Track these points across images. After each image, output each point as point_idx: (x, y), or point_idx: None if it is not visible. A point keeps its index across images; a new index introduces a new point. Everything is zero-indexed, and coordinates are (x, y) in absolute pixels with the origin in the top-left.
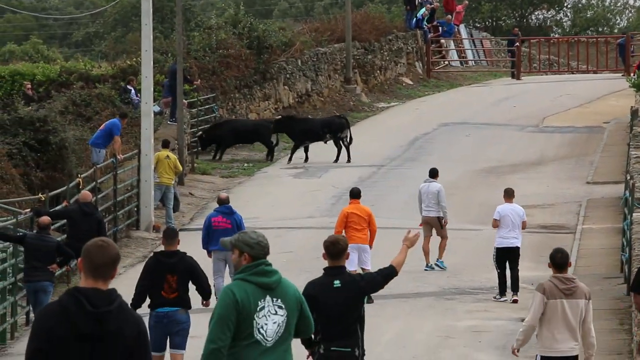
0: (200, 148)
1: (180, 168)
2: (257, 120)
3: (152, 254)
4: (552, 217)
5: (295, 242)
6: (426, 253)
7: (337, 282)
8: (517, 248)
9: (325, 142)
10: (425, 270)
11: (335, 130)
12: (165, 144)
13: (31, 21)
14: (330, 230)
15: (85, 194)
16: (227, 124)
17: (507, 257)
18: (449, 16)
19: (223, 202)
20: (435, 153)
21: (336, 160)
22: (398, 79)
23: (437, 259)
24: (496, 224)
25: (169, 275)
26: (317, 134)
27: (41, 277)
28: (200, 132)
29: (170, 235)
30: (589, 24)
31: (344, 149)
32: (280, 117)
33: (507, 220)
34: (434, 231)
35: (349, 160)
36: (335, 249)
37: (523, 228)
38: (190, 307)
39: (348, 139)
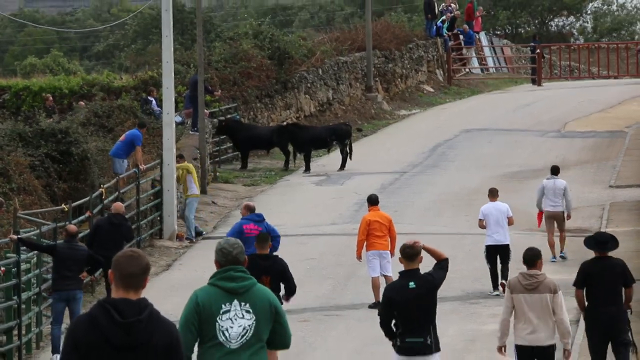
0: (215, 131)
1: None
2: (274, 127)
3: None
4: (575, 221)
5: (318, 249)
6: (552, 246)
7: (412, 284)
8: (507, 245)
9: (329, 150)
10: (552, 261)
11: (342, 137)
12: (182, 157)
13: (52, 34)
14: (352, 237)
15: (118, 205)
16: (246, 126)
17: (497, 253)
18: (466, 26)
19: (251, 210)
20: (457, 159)
21: (341, 168)
22: (419, 87)
23: (561, 252)
24: (481, 223)
25: (264, 276)
26: (322, 141)
27: (72, 286)
28: (224, 119)
29: (262, 240)
30: (611, 30)
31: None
32: (284, 124)
33: (491, 218)
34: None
35: (342, 168)
36: (411, 251)
37: (510, 224)
38: (281, 304)
39: (349, 148)
